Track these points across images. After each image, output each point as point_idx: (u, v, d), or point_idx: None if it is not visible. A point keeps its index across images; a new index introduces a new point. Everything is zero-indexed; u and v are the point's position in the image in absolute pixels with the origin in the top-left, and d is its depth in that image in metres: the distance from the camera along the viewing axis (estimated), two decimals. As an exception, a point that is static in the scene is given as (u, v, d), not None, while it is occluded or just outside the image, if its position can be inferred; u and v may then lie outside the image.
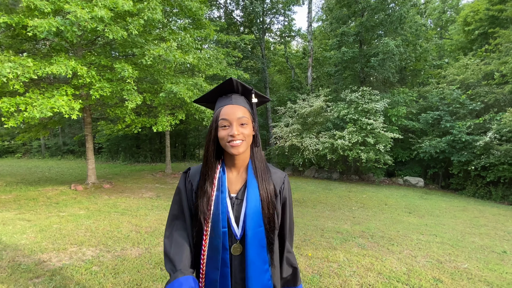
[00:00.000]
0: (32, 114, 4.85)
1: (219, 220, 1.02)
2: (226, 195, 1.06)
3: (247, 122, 1.03)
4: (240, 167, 1.11)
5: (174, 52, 6.56)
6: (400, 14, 11.77)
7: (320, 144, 11.06)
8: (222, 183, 1.07)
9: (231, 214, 1.05)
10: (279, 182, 1.15)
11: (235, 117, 1.01)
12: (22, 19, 5.44)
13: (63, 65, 5.20)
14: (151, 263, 3.13)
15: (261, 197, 1.06)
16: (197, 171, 1.14)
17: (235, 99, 1.06)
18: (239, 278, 1.05)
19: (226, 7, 17.87)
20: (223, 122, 1.02)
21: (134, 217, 5.09)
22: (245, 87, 1.08)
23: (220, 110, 1.04)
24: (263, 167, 1.11)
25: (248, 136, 1.04)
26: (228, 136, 1.00)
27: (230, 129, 1.00)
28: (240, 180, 1.11)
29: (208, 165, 1.08)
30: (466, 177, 11.18)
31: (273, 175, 1.15)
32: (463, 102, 11.22)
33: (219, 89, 1.10)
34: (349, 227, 5.03)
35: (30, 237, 3.82)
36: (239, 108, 1.04)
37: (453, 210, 7.53)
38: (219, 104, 1.08)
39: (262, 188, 1.07)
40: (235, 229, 1.05)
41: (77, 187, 8.04)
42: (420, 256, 3.78)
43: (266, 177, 1.10)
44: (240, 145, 1.01)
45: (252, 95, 1.08)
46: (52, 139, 21.38)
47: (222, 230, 1.02)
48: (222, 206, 1.04)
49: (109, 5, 5.67)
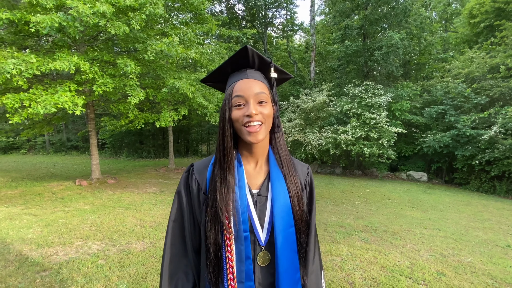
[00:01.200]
0: (36, 110, 4.88)
1: (240, 222, 0.84)
2: (247, 191, 0.88)
3: (267, 99, 0.86)
4: (259, 157, 0.93)
5: (176, 47, 6.54)
6: (404, 7, 11.61)
7: (323, 139, 11.03)
8: (240, 176, 0.88)
9: (254, 214, 0.87)
10: (303, 174, 0.99)
11: (252, 93, 0.84)
12: (25, 15, 5.45)
13: (66, 61, 5.21)
14: (156, 256, 3.16)
15: (290, 192, 0.89)
16: (204, 166, 0.95)
17: (250, 73, 0.88)
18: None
19: (228, 1, 17.74)
20: (237, 99, 0.84)
21: (139, 211, 5.14)
22: (263, 59, 0.89)
23: (233, 86, 0.87)
24: (287, 156, 0.94)
25: (268, 117, 0.86)
26: (244, 116, 0.83)
27: (246, 107, 0.83)
28: (261, 173, 0.93)
29: (227, 154, 0.87)
30: (470, 172, 11.11)
31: (297, 167, 0.99)
32: (468, 96, 11.09)
33: (231, 62, 0.90)
34: (352, 222, 5.05)
35: (36, 231, 3.88)
36: (257, 83, 0.86)
37: (457, 204, 7.50)
38: (232, 79, 0.90)
39: (290, 181, 0.91)
40: (259, 233, 0.86)
41: (82, 182, 8.12)
42: (424, 250, 3.79)
43: (292, 169, 0.94)
44: (260, 129, 0.83)
45: (271, 69, 0.89)
46: (56, 135, 21.54)
47: (244, 234, 0.84)
48: (242, 204, 0.85)
49: (111, 0, 5.65)
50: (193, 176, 0.94)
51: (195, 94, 7.13)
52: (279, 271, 0.84)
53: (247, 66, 0.90)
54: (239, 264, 0.84)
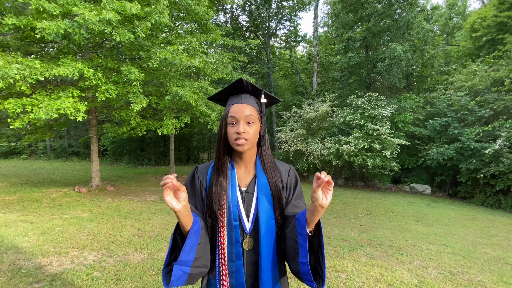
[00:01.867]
0: (38, 116, 4.84)
1: (231, 213, 1.07)
2: (237, 189, 1.11)
3: (254, 120, 1.08)
4: (248, 163, 1.17)
5: (180, 55, 6.55)
6: (407, 20, 11.70)
7: (325, 149, 10.94)
8: (232, 177, 1.12)
9: (241, 207, 1.09)
10: (284, 174, 1.20)
11: (242, 115, 1.06)
12: (31, 21, 5.48)
13: (70, 67, 5.20)
14: (154, 269, 3.04)
15: (272, 190, 1.11)
16: (205, 167, 1.20)
17: (244, 98, 1.11)
18: (250, 270, 1.08)
19: (232, 12, 17.98)
20: (231, 119, 1.07)
21: (137, 220, 5.03)
22: (255, 87, 1.13)
23: (229, 108, 1.10)
24: (271, 164, 1.17)
25: (254, 135, 1.08)
26: (234, 133, 1.05)
27: (237, 126, 1.05)
28: (249, 175, 1.16)
29: (221, 160, 1.13)
30: (474, 185, 10.95)
31: (280, 168, 1.20)
32: (472, 108, 11.04)
33: (230, 88, 1.14)
34: (356, 235, 4.90)
35: (32, 239, 3.77)
36: (247, 107, 1.08)
37: (462, 219, 7.33)
38: (230, 102, 1.13)
39: (272, 183, 1.12)
40: (245, 222, 1.09)
41: (81, 189, 8.02)
42: (431, 267, 3.64)
43: (275, 173, 1.16)
44: (245, 143, 1.05)
45: (262, 95, 1.13)
46: (57, 141, 21.53)
47: (234, 223, 1.06)
48: (233, 199, 1.08)
49: (117, 8, 5.69)
50: (197, 175, 1.18)
51: (198, 102, 7.10)
52: (261, 253, 1.06)
53: (243, 91, 1.14)
54: (230, 246, 1.06)
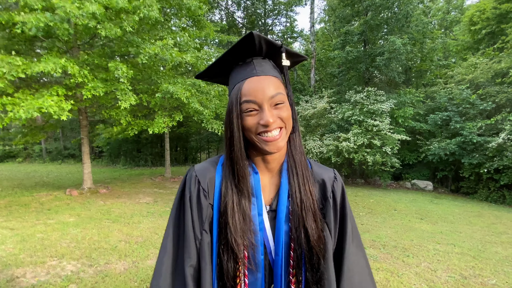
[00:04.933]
0: (18, 115, 4.55)
1: (258, 244, 0.71)
2: (263, 207, 0.74)
3: (283, 99, 0.70)
4: (276, 166, 0.78)
5: (170, 50, 6.27)
6: (406, 12, 11.43)
7: (324, 146, 10.67)
8: (256, 188, 0.74)
9: (269, 233, 0.73)
10: (327, 178, 0.80)
11: (266, 96, 0.68)
12: (12, 16, 5.19)
13: (51, 62, 4.91)
14: (137, 280, 2.77)
15: (292, 205, 0.73)
16: (209, 170, 0.77)
17: (259, 67, 0.71)
18: None
19: (228, 8, 17.69)
20: (247, 105, 0.68)
21: (126, 225, 4.75)
22: (272, 44, 0.72)
23: (240, 87, 0.70)
24: (303, 161, 0.77)
25: (288, 120, 0.71)
26: (258, 125, 0.68)
27: (260, 114, 0.68)
28: (274, 185, 0.78)
29: (238, 173, 0.72)
30: (477, 180, 10.69)
31: (317, 171, 0.81)
32: (473, 102, 10.78)
33: (234, 51, 0.72)
34: (358, 236, 4.64)
35: (8, 248, 3.49)
36: (269, 81, 0.69)
37: (468, 215, 7.08)
38: (237, 77, 0.73)
39: (295, 191, 0.73)
40: (273, 254, 0.73)
41: (72, 192, 7.74)
42: (441, 269, 3.38)
43: (308, 176, 0.76)
44: (280, 135, 0.69)
45: (283, 55, 0.72)
46: (53, 143, 21.24)
47: (261, 258, 0.71)
48: (259, 223, 0.73)
49: (103, 2, 5.40)
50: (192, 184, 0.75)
51: (190, 99, 6.82)
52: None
53: (252, 54, 0.73)
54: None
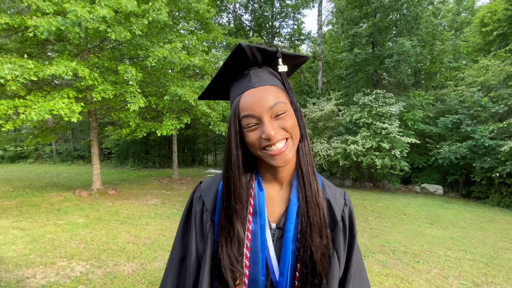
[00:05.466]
0: (30, 117, 4.65)
1: (258, 264, 0.67)
2: (266, 225, 0.70)
3: (285, 108, 0.66)
4: (286, 178, 0.74)
5: (179, 53, 6.33)
6: (415, 13, 11.29)
7: (332, 149, 10.58)
8: (260, 206, 0.70)
9: (272, 253, 0.69)
10: (337, 202, 0.75)
11: (265, 108, 0.64)
12: (24, 20, 5.31)
13: (62, 66, 5.00)
14: (144, 282, 2.78)
15: (301, 224, 0.68)
16: (211, 189, 0.76)
17: (255, 78, 0.68)
18: None
19: (235, 11, 17.79)
20: (247, 120, 0.65)
21: (134, 226, 4.78)
22: (266, 52, 0.68)
23: (237, 102, 0.67)
24: (312, 171, 0.72)
25: (294, 129, 0.67)
26: (261, 139, 0.64)
27: (261, 128, 0.64)
28: (283, 200, 0.73)
29: (235, 189, 0.68)
30: (489, 185, 10.45)
31: (328, 192, 0.76)
32: (485, 105, 10.55)
33: (228, 66, 0.70)
34: (367, 241, 4.57)
35: (19, 248, 3.54)
36: (267, 91, 0.66)
37: (479, 221, 6.91)
38: (235, 91, 0.71)
39: (304, 207, 0.69)
40: (276, 276, 0.69)
41: (82, 193, 7.84)
42: (452, 276, 3.30)
43: (313, 189, 0.71)
44: (286, 147, 0.65)
45: (279, 61, 0.68)
46: (63, 145, 21.62)
47: (261, 279, 0.68)
48: (261, 243, 0.68)
49: (112, 6, 5.49)
50: (200, 200, 0.76)
51: (198, 102, 6.86)
52: None
53: (248, 65, 0.70)
54: None
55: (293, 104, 0.70)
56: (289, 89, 0.70)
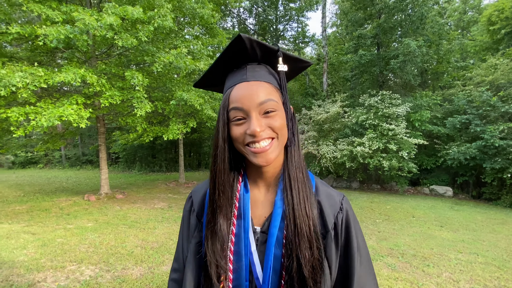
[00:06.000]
0: (40, 123, 4.75)
1: (241, 268, 0.66)
2: (250, 227, 0.68)
3: (275, 107, 0.64)
4: (272, 179, 0.72)
5: (184, 58, 6.40)
6: (421, 13, 11.21)
7: (338, 151, 10.51)
8: (244, 208, 0.68)
9: (255, 258, 0.67)
10: (331, 207, 0.71)
11: (254, 103, 0.62)
12: (34, 29, 5.46)
13: (71, 73, 5.11)
14: (152, 285, 2.80)
15: (287, 229, 0.66)
16: (200, 191, 0.77)
17: (251, 72, 0.66)
18: None
19: (240, 16, 17.93)
20: (235, 113, 0.63)
21: (142, 230, 4.82)
22: (267, 48, 0.65)
23: (228, 94, 0.66)
24: (301, 178, 0.69)
25: (281, 130, 0.65)
26: (245, 135, 0.63)
27: (248, 123, 0.63)
28: (269, 203, 0.71)
29: (220, 185, 0.67)
30: (500, 186, 10.22)
31: (321, 194, 0.72)
32: (494, 104, 10.37)
33: (225, 56, 0.67)
34: (375, 243, 4.52)
35: (30, 252, 3.61)
36: (260, 86, 0.64)
37: (491, 223, 6.76)
38: (229, 83, 0.69)
39: (289, 213, 0.65)
40: (261, 281, 0.66)
41: (90, 197, 7.95)
42: (463, 280, 3.23)
43: (302, 196, 0.67)
44: (270, 146, 0.63)
45: (279, 59, 0.66)
46: (72, 150, 21.97)
47: (244, 284, 0.66)
48: (245, 246, 0.66)
49: (119, 13, 5.61)
50: (190, 199, 0.78)
51: (203, 106, 6.92)
52: None
53: (247, 60, 0.68)
54: None
55: (286, 105, 0.68)
56: (285, 90, 0.68)
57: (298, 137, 0.70)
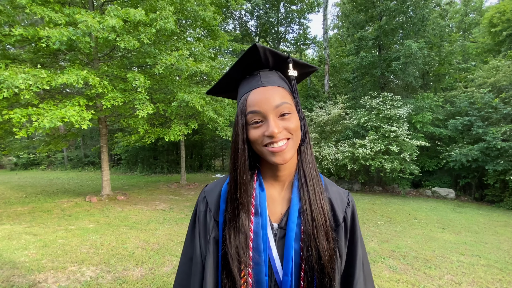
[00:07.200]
0: (42, 124, 4.78)
1: (261, 263, 0.69)
2: (268, 224, 0.72)
3: (290, 110, 0.69)
4: (287, 178, 0.77)
5: (186, 60, 6.43)
6: (422, 15, 11.22)
7: (340, 153, 10.50)
8: (261, 206, 0.73)
9: (274, 253, 0.71)
10: (340, 202, 0.78)
11: (271, 106, 0.67)
12: (37, 31, 5.50)
13: (74, 74, 5.14)
14: (153, 287, 2.80)
15: (304, 224, 0.71)
16: (215, 190, 0.80)
17: (265, 78, 0.71)
18: None
19: (241, 18, 18.00)
20: (253, 116, 0.68)
21: (143, 231, 4.83)
22: (278, 55, 0.71)
23: (245, 98, 0.70)
24: (314, 175, 0.75)
25: (296, 131, 0.70)
26: (264, 137, 0.67)
27: (266, 125, 0.67)
28: (285, 200, 0.76)
29: (241, 183, 0.71)
30: (503, 188, 10.17)
31: (330, 192, 0.79)
32: (496, 106, 10.34)
33: (240, 65, 0.73)
34: (377, 245, 4.50)
35: (31, 253, 3.62)
36: (275, 91, 0.69)
37: (493, 225, 6.72)
38: (244, 89, 0.74)
39: (306, 208, 0.71)
40: (280, 275, 0.70)
41: (92, 199, 7.97)
42: (465, 283, 3.21)
43: (317, 192, 0.73)
44: (286, 146, 0.68)
45: (289, 66, 0.71)
46: (74, 151, 22.06)
47: (264, 279, 0.70)
48: (263, 242, 0.70)
49: (121, 15, 5.64)
50: (205, 200, 0.80)
51: (204, 108, 6.93)
52: None
53: (259, 67, 0.73)
54: None
55: (298, 108, 0.72)
56: (296, 94, 0.73)
57: (309, 137, 0.75)
